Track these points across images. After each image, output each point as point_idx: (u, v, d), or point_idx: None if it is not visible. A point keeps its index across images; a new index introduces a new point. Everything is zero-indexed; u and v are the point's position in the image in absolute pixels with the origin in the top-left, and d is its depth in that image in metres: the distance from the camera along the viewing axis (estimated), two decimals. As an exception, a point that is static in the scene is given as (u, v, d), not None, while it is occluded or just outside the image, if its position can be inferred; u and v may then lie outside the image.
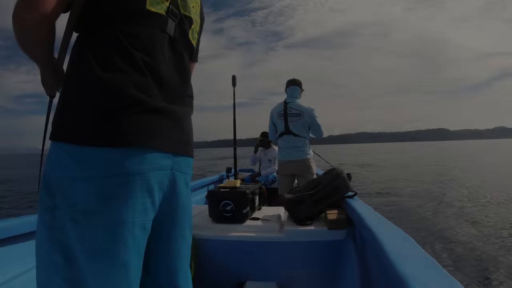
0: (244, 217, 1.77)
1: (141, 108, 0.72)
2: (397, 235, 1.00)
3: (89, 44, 0.73)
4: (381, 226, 1.10)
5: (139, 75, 0.73)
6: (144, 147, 0.72)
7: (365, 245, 1.30)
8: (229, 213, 1.77)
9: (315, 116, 3.03)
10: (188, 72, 0.92)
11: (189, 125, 0.90)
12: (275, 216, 1.88)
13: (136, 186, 0.70)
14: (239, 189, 1.85)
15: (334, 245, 1.56)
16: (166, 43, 0.82)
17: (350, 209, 1.52)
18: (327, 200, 1.73)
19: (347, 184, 1.75)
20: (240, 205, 1.76)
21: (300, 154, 3.03)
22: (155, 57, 0.77)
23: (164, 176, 0.78)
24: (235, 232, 1.68)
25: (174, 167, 0.82)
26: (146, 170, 0.72)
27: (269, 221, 1.77)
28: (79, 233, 0.66)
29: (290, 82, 3.20)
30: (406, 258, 0.77)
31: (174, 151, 0.81)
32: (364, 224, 1.20)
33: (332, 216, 1.59)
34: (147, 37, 0.77)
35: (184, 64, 0.89)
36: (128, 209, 0.69)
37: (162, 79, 0.79)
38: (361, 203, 1.59)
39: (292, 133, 3.04)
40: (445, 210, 5.44)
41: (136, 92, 0.71)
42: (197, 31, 0.98)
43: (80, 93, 0.69)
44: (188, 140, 0.88)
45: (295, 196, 1.78)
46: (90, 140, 0.67)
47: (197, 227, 1.76)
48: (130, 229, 0.70)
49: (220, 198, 1.79)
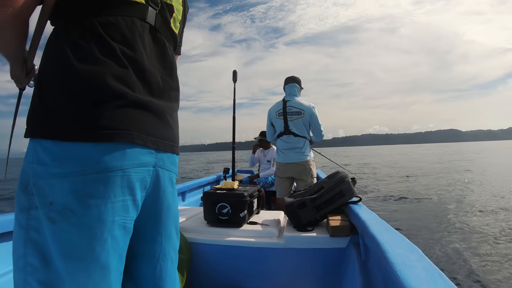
0: (241, 221, 1.76)
1: (122, 102, 0.72)
2: (403, 244, 1.00)
3: (65, 36, 0.72)
4: (386, 235, 1.10)
5: (119, 66, 0.73)
6: (125, 142, 0.72)
7: (369, 254, 1.30)
8: (225, 217, 1.77)
9: (316, 115, 3.02)
10: (172, 63, 0.92)
11: (174, 120, 0.90)
12: (274, 221, 1.88)
13: (116, 183, 0.70)
14: (237, 191, 1.85)
15: (336, 253, 1.55)
16: (146, 32, 0.82)
17: (354, 215, 1.52)
18: (330, 206, 1.73)
19: (351, 189, 1.75)
20: (237, 208, 1.76)
21: (299, 156, 3.01)
22: (135, 48, 0.77)
23: (146, 173, 0.78)
24: (232, 236, 1.68)
25: (158, 164, 0.82)
26: (127, 166, 0.72)
27: (267, 226, 1.76)
28: (55, 234, 0.66)
29: (288, 79, 3.20)
30: (412, 269, 0.77)
31: (158, 147, 0.81)
32: (368, 232, 1.20)
33: (335, 223, 1.58)
34: (126, 26, 0.77)
35: (167, 54, 0.90)
36: (107, 208, 0.69)
37: (144, 70, 0.79)
38: (365, 209, 1.59)
39: (292, 133, 3.02)
40: (457, 219, 5.44)
41: (117, 84, 0.71)
42: (179, 19, 0.98)
43: (56, 87, 0.69)
44: (173, 136, 0.88)
45: (295, 200, 1.78)
46: (68, 135, 0.67)
47: (191, 230, 1.76)
48: (110, 228, 0.70)
49: (216, 200, 1.79)
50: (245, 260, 1.62)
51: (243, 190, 1.86)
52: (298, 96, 3.14)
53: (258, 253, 1.61)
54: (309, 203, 1.74)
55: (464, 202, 6.87)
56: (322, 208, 1.73)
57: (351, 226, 1.56)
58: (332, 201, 1.73)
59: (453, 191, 8.51)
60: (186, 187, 3.32)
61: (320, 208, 1.73)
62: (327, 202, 1.73)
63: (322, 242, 1.57)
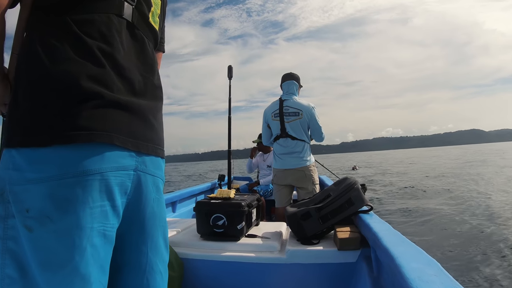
0: (238, 234, 1.76)
1: (99, 102, 0.74)
2: (419, 257, 1.00)
3: (37, 37, 0.75)
4: (400, 247, 1.10)
5: (95, 65, 0.76)
6: (103, 144, 0.74)
7: (382, 269, 1.30)
8: (221, 229, 1.77)
9: (316, 116, 3.02)
10: (153, 60, 0.95)
11: (158, 121, 0.93)
12: (275, 233, 1.88)
13: (94, 187, 0.73)
14: (234, 200, 1.84)
15: (345, 268, 1.55)
16: (124, 29, 0.86)
17: (365, 226, 1.52)
18: (338, 216, 1.73)
19: (361, 197, 1.75)
20: (234, 219, 1.76)
21: (298, 161, 3.00)
22: (113, 44, 0.81)
23: (126, 177, 0.81)
24: (228, 251, 1.67)
25: (139, 167, 0.84)
26: (105, 170, 0.75)
27: (268, 239, 1.76)
28: (32, 242, 0.69)
29: (286, 76, 3.20)
30: (429, 285, 0.77)
31: (139, 149, 0.83)
32: (380, 245, 1.20)
33: (343, 235, 1.58)
34: (102, 23, 0.80)
35: (146, 51, 0.93)
36: (85, 213, 0.71)
37: (123, 69, 0.82)
38: (377, 219, 1.59)
39: (290, 136, 3.02)
40: (482, 228, 5.44)
41: (93, 84, 0.74)
42: (157, 14, 1.02)
43: (31, 91, 0.72)
44: (157, 138, 0.90)
45: (299, 210, 1.78)
46: (44, 140, 0.69)
47: (183, 244, 1.75)
48: (89, 236, 0.72)
49: (211, 210, 1.79)
50: (243, 278, 1.61)
51: (240, 199, 1.86)
52: (297, 94, 3.14)
53: (257, 270, 1.60)
54: (314, 213, 1.74)
55: (491, 210, 6.87)
56: (329, 219, 1.73)
57: (362, 238, 1.55)
58: (340, 211, 1.73)
59: (476, 197, 8.51)
60: (176, 196, 3.32)
61: (327, 219, 1.73)
62: (334, 211, 1.73)
63: (329, 257, 1.57)
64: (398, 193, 10.05)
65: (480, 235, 5.08)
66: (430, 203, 8.11)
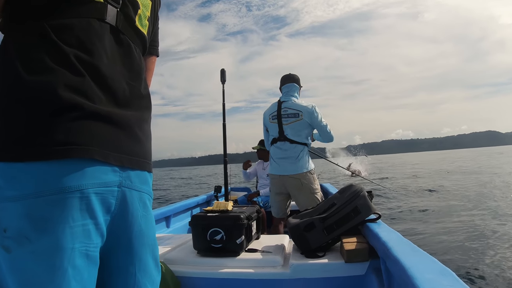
0: (238, 249, 1.75)
1: (77, 114, 0.74)
2: (433, 268, 1.00)
3: (12, 45, 0.75)
4: (412, 257, 1.10)
5: (73, 75, 0.76)
6: (82, 159, 0.74)
7: (393, 281, 1.29)
8: (219, 244, 1.76)
9: (318, 115, 2.98)
10: (139, 66, 0.95)
11: (145, 132, 0.92)
12: (277, 246, 1.87)
13: (74, 205, 0.72)
14: (232, 213, 1.84)
15: (354, 282, 1.55)
16: (107, 34, 0.85)
17: (373, 236, 1.52)
18: (344, 226, 1.73)
19: (368, 205, 1.75)
20: (232, 233, 1.75)
21: (294, 167, 2.95)
22: (93, 52, 0.80)
23: (109, 194, 0.80)
24: (227, 267, 1.66)
25: (124, 183, 0.84)
26: (85, 186, 0.74)
27: (270, 254, 1.75)
28: (11, 263, 0.69)
29: (285, 78, 3.20)
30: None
31: (122, 163, 0.82)
32: (390, 255, 1.20)
33: (350, 246, 1.58)
34: (81, 29, 0.80)
35: (133, 57, 0.93)
36: (65, 233, 0.71)
37: (105, 77, 0.81)
38: (386, 228, 1.59)
39: (288, 139, 2.99)
40: (501, 234, 5.43)
41: (71, 94, 0.74)
42: (146, 16, 1.01)
43: (3, 102, 0.72)
44: (143, 151, 0.90)
45: (302, 221, 1.77)
46: (20, 156, 0.70)
47: (178, 262, 1.74)
48: (70, 257, 0.71)
49: (208, 224, 1.78)
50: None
51: (239, 212, 1.86)
52: (297, 96, 3.14)
53: (260, 286, 1.60)
54: (319, 224, 1.73)
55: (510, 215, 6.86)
56: (335, 229, 1.73)
57: (370, 249, 1.55)
58: (346, 220, 1.73)
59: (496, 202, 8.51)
60: (170, 210, 3.30)
61: (332, 229, 1.73)
62: (340, 221, 1.73)
63: (336, 270, 1.57)
64: (409, 200, 10.04)
65: (499, 241, 5.07)
66: (444, 209, 8.10)
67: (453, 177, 15.72)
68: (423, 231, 6.05)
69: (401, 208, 8.56)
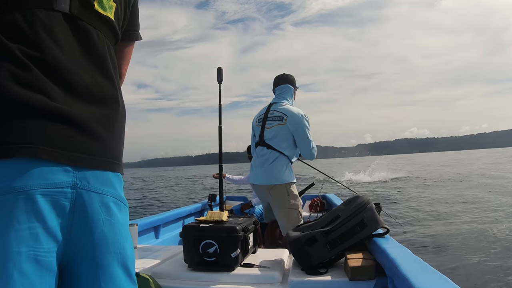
0: (232, 263, 1.75)
1: (25, 111, 0.76)
2: (444, 287, 1.00)
3: None
4: (423, 276, 1.10)
5: (20, 70, 0.77)
6: (26, 159, 0.75)
7: (401, 303, 1.29)
8: (212, 257, 1.75)
9: (305, 126, 2.89)
10: (103, 55, 0.94)
11: (109, 129, 0.92)
12: (275, 261, 1.87)
13: (19, 207, 0.73)
14: (227, 224, 1.84)
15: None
16: (58, 23, 0.86)
17: (380, 252, 1.52)
18: (348, 240, 1.72)
19: (375, 218, 1.75)
20: (227, 246, 1.75)
21: (269, 177, 2.88)
22: (40, 45, 0.81)
23: (61, 196, 0.80)
24: (221, 283, 1.66)
25: (79, 184, 0.83)
26: (31, 187, 0.75)
27: (267, 269, 1.75)
28: None
29: (278, 79, 3.16)
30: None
31: (75, 163, 0.82)
32: (399, 273, 1.19)
33: (355, 262, 1.57)
34: (25, 22, 0.81)
35: (94, 45, 0.92)
36: (10, 237, 0.72)
37: (57, 70, 0.82)
38: (395, 243, 1.58)
39: (266, 144, 2.92)
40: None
41: (18, 91, 0.75)
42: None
43: None
44: (105, 150, 0.89)
45: (303, 235, 1.77)
46: None
47: (168, 276, 1.73)
48: (15, 261, 0.72)
49: (200, 236, 1.78)
50: None
51: (234, 223, 1.85)
52: (290, 100, 3.10)
53: None
54: (321, 238, 1.73)
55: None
56: (339, 244, 1.72)
57: (377, 266, 1.55)
58: (351, 234, 1.73)
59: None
60: (160, 219, 3.30)
61: (336, 244, 1.72)
62: (344, 235, 1.73)
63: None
64: (421, 212, 10.02)
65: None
66: (461, 222, 8.08)
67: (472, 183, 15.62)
68: (437, 247, 6.04)
69: (411, 221, 8.54)
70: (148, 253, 2.13)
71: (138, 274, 1.50)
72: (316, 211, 3.99)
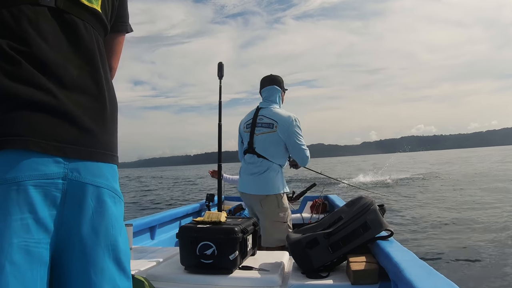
0: (231, 266, 1.75)
1: (14, 103, 0.79)
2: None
3: None
4: (428, 281, 1.10)
5: (8, 64, 0.81)
6: (17, 151, 0.79)
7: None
8: (209, 260, 1.75)
9: (296, 132, 2.86)
10: (90, 48, 0.97)
11: (100, 120, 0.95)
12: (275, 264, 1.86)
13: (11, 198, 0.77)
14: (225, 225, 1.84)
15: None
16: (44, 17, 0.89)
17: (384, 255, 1.52)
18: (351, 243, 1.72)
19: (379, 220, 1.75)
20: (225, 248, 1.75)
21: (261, 187, 2.87)
22: (27, 40, 0.85)
23: (52, 187, 0.83)
24: (218, 286, 1.66)
25: (70, 175, 0.86)
26: (22, 178, 0.78)
27: (267, 272, 1.75)
28: None
29: (265, 80, 3.12)
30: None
31: (66, 154, 0.85)
32: (403, 278, 1.19)
33: (358, 266, 1.57)
34: (11, 17, 0.84)
35: (81, 37, 0.95)
36: (2, 228, 0.75)
37: (45, 64, 0.85)
38: (399, 247, 1.58)
39: (256, 152, 2.90)
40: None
41: (7, 84, 0.79)
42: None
43: None
44: (94, 141, 0.92)
45: (304, 237, 1.77)
46: None
47: (164, 278, 1.73)
48: (7, 252, 0.75)
49: (197, 237, 1.77)
50: None
51: (233, 224, 1.85)
52: (279, 103, 3.08)
53: None
54: (323, 240, 1.73)
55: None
56: (341, 247, 1.72)
57: (380, 270, 1.55)
58: (354, 237, 1.73)
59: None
60: (156, 220, 3.29)
61: (338, 247, 1.72)
62: (346, 238, 1.73)
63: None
64: (426, 214, 10.02)
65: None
66: (467, 224, 8.08)
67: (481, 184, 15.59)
68: (442, 251, 6.03)
69: (417, 223, 8.54)
70: (143, 255, 2.13)
71: (133, 276, 1.50)
72: (318, 212, 3.99)
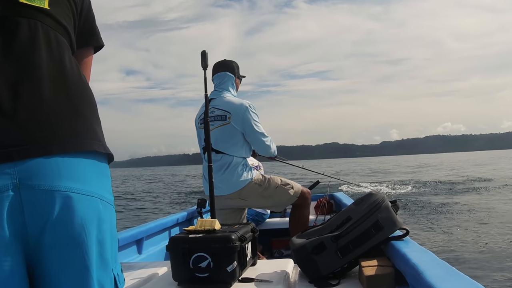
0: (229, 278, 1.74)
1: None
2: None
3: None
4: (450, 283, 1.10)
5: None
6: None
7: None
8: (205, 273, 1.75)
9: (251, 118, 2.89)
10: (30, 46, 0.95)
11: (47, 99, 0.91)
12: (279, 274, 1.86)
13: None
14: (220, 233, 1.83)
15: None
16: None
17: (400, 257, 1.52)
18: (362, 245, 1.72)
19: (392, 218, 1.75)
20: (222, 259, 1.74)
21: (230, 185, 2.91)
22: None
23: (5, 201, 0.82)
24: (216, 303, 1.65)
25: (22, 184, 0.84)
26: None
27: (269, 283, 1.75)
28: None
29: (216, 66, 3.13)
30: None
31: (13, 158, 0.83)
32: (422, 281, 1.20)
33: (371, 271, 1.58)
34: None
35: (19, 38, 0.93)
36: None
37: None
38: (416, 247, 1.59)
39: (214, 149, 2.88)
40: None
41: None
42: None
43: None
44: (51, 130, 0.90)
45: (309, 241, 1.77)
46: None
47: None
48: None
49: (190, 248, 1.77)
50: None
51: (229, 231, 1.84)
52: (232, 89, 3.09)
53: None
54: (330, 244, 1.73)
55: None
56: (351, 250, 1.73)
57: (396, 274, 1.56)
58: (365, 239, 1.73)
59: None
60: (143, 232, 3.28)
61: (348, 250, 1.73)
62: (357, 240, 1.73)
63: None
64: (445, 209, 10.08)
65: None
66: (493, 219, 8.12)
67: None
68: (466, 249, 6.07)
69: (435, 220, 8.59)
70: (130, 272, 2.12)
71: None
72: (323, 213, 3.99)
